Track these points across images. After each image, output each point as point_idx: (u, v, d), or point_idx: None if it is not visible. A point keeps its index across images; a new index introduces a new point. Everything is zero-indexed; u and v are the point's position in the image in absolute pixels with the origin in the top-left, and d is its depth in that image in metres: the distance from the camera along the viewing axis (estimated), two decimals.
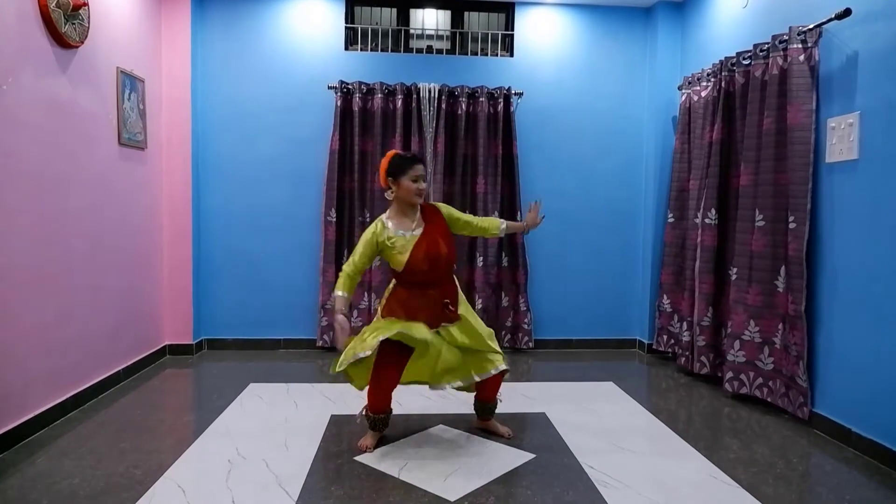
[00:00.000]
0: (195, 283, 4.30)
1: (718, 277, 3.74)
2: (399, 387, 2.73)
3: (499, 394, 2.85)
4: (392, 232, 2.57)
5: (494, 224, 2.79)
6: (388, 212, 2.64)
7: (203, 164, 4.36)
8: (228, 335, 4.46)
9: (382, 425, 2.70)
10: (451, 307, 2.60)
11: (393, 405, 2.74)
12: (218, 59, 4.35)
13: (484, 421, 2.88)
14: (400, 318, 2.54)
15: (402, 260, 2.53)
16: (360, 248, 2.58)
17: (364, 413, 2.69)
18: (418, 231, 2.59)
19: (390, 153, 2.64)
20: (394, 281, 2.67)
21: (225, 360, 4.22)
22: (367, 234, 2.59)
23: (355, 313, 4.42)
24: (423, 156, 4.29)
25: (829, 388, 2.95)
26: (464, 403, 3.24)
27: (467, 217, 2.74)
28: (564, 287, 4.66)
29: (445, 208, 2.71)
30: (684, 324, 3.99)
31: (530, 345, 4.53)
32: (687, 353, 3.94)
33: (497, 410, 2.89)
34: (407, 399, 3.29)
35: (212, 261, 4.41)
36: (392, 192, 2.60)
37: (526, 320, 4.52)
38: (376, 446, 2.68)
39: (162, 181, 4.16)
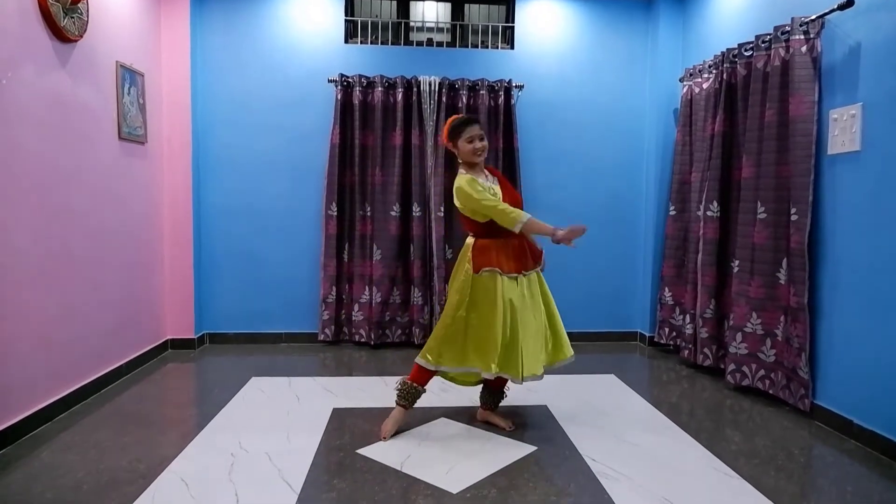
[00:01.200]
0: (196, 277, 4.31)
1: (720, 270, 3.74)
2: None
3: (507, 385, 2.88)
4: (481, 182, 2.65)
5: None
6: (462, 172, 2.70)
7: (203, 158, 4.36)
8: (230, 329, 4.47)
9: (414, 399, 2.73)
10: (535, 251, 2.73)
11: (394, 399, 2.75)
12: (218, 52, 4.34)
13: (487, 411, 2.89)
14: (493, 266, 2.60)
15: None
16: (479, 189, 2.57)
17: (404, 381, 2.73)
18: (495, 182, 2.73)
19: (451, 118, 2.75)
20: (471, 238, 2.72)
21: (227, 354, 4.23)
22: (468, 180, 2.60)
23: (356, 307, 4.42)
24: (478, 122, 4.30)
25: (830, 380, 2.95)
26: (465, 397, 3.25)
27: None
28: (565, 280, 4.65)
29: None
30: (687, 316, 3.99)
31: None
32: (690, 346, 3.94)
33: (498, 403, 2.90)
34: None
35: (213, 255, 4.42)
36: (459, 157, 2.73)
37: None
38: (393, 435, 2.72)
39: (163, 175, 4.16)
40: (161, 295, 4.18)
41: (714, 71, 3.80)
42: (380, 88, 4.32)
